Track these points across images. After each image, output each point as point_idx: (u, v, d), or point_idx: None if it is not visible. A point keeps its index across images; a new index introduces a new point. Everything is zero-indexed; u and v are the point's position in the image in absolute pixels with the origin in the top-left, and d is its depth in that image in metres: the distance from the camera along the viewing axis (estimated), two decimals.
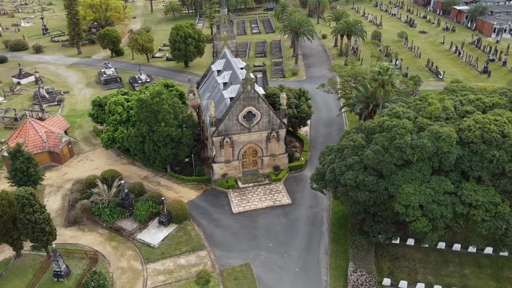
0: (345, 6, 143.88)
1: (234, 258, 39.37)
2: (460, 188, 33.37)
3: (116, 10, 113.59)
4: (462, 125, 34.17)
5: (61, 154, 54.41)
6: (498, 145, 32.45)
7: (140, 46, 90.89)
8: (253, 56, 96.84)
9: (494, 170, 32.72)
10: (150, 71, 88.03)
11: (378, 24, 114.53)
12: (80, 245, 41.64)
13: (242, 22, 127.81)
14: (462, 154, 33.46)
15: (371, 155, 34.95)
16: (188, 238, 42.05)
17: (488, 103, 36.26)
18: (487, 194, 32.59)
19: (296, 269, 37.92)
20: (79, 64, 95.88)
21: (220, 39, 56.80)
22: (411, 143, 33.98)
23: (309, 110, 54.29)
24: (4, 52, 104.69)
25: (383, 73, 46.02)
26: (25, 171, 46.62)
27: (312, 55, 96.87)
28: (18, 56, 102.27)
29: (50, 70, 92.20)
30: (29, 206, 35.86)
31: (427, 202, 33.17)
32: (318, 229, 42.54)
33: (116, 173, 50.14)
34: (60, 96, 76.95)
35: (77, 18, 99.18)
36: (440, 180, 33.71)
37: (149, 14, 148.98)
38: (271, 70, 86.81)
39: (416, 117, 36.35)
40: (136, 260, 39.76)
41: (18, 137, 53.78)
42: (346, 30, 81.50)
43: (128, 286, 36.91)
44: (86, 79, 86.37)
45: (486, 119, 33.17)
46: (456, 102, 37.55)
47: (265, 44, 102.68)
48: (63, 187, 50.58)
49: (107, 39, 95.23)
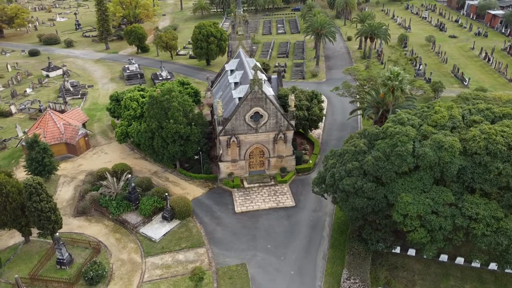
0: (375, 8, 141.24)
1: (231, 257, 39.62)
2: (461, 200, 32.28)
3: (145, 7, 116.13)
4: (467, 135, 33.00)
5: (77, 146, 56.30)
6: (503, 158, 31.15)
7: (164, 43, 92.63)
8: (276, 56, 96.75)
9: (498, 183, 31.39)
10: (173, 68, 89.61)
11: (407, 27, 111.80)
12: (85, 235, 43.00)
13: (269, 22, 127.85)
14: (465, 165, 32.32)
15: (371, 161, 34.32)
16: (189, 234, 42.64)
17: (498, 113, 34.83)
18: (489, 208, 31.37)
19: (291, 272, 37.73)
20: (105, 59, 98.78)
21: (235, 39, 57.11)
22: (413, 151, 33.18)
23: (321, 113, 53.77)
24: (37, 45, 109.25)
25: (393, 78, 44.94)
26: (40, 161, 48.57)
27: (335, 57, 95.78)
28: (50, 50, 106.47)
29: (78, 64, 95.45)
30: (36, 195, 37.40)
31: (426, 212, 32.28)
32: (319, 234, 42.15)
33: (127, 167, 51.45)
34: (84, 89, 79.55)
35: (106, 14, 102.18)
36: (440, 190, 32.72)
37: (178, 12, 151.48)
38: (292, 71, 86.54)
39: (421, 124, 35.38)
40: (136, 253, 40.68)
41: (37, 128, 56.07)
42: (369, 33, 79.99)
43: (126, 278, 37.83)
44: (111, 74, 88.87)
45: (493, 130, 31.90)
46: (465, 111, 36.26)
47: (289, 45, 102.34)
48: (77, 178, 52.32)
49: (133, 35, 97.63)
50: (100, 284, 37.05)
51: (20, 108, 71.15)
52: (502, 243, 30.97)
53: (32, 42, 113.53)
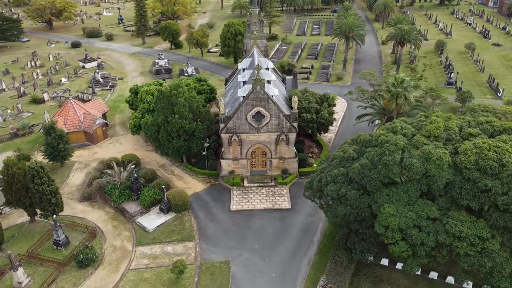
0: (418, 12, 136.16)
1: (217, 254, 40.04)
2: (446, 216, 30.69)
3: (183, 4, 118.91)
4: (460, 148, 31.28)
5: (94, 135, 58.97)
6: (494, 174, 29.27)
7: (195, 40, 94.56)
8: (305, 57, 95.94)
9: (486, 201, 29.53)
10: (201, 65, 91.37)
11: (448, 33, 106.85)
12: (86, 220, 45.04)
13: (305, 23, 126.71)
14: (454, 180, 30.68)
15: (356, 169, 33.44)
16: (181, 228, 43.53)
17: (498, 127, 32.70)
18: (474, 227, 29.60)
19: (273, 274, 37.55)
20: (140, 53, 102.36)
21: (249, 38, 57.32)
22: (401, 161, 31.97)
23: (330, 117, 52.79)
24: (81, 38, 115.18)
25: (397, 85, 43.24)
26: (56, 147, 51.38)
27: (365, 60, 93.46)
28: (91, 42, 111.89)
29: (113, 57, 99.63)
30: (38, 178, 39.74)
31: (407, 226, 31.02)
32: (309, 239, 41.57)
33: (135, 157, 53.26)
34: (114, 81, 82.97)
35: (144, 10, 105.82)
36: (425, 204, 31.31)
37: (219, 10, 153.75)
38: (318, 73, 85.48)
39: (414, 134, 33.99)
40: (129, 241, 42.11)
41: (59, 115, 59.34)
42: (399, 37, 77.32)
43: (114, 264, 39.28)
44: (142, 68, 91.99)
45: (486, 145, 30.04)
46: (464, 123, 34.35)
47: (320, 46, 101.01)
48: (90, 165, 54.81)
49: (167, 31, 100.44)
50: (89, 267, 38.75)
51: (52, 96, 75.47)
52: (485, 265, 29.16)
53: (76, 34, 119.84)
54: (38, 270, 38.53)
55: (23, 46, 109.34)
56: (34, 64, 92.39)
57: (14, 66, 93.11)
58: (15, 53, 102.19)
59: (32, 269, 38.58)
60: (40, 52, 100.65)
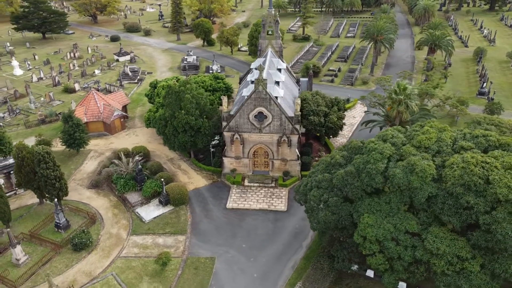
0: (464, 17, 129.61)
1: (205, 249, 40.58)
2: (426, 231, 29.32)
3: (220, 2, 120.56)
4: (447, 161, 29.75)
5: (111, 126, 61.43)
6: (478, 191, 27.60)
7: (225, 38, 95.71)
8: (333, 60, 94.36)
9: (468, 219, 27.89)
10: (229, 63, 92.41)
11: (491, 40, 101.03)
12: (89, 206, 47.12)
13: (342, 24, 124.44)
14: (437, 194, 29.23)
15: (340, 176, 32.73)
16: (176, 221, 44.47)
17: (493, 142, 30.71)
18: (454, 245, 28.08)
19: (254, 275, 37.53)
20: (173, 49, 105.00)
21: (264, 38, 57.30)
22: (385, 170, 30.93)
23: (338, 121, 51.71)
24: (120, 32, 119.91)
25: (399, 92, 41.56)
26: (72, 135, 54.08)
27: (397, 65, 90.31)
28: (130, 37, 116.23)
29: (147, 52, 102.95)
30: (44, 163, 42.06)
31: (385, 238, 29.98)
32: (298, 243, 41.10)
33: (145, 150, 54.97)
34: (143, 75, 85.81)
35: (180, 7, 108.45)
36: (405, 217, 30.10)
37: (258, 9, 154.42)
38: (344, 76, 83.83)
39: (404, 144, 32.71)
40: (125, 230, 43.61)
41: (81, 105, 62.37)
42: (429, 43, 74.17)
43: (106, 250, 40.88)
44: (172, 63, 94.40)
45: (473, 160, 28.37)
46: (460, 135, 32.59)
47: (351, 49, 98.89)
48: (104, 155, 57.19)
49: (200, 29, 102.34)
50: (83, 251, 40.58)
51: (83, 86, 79.30)
52: (462, 287, 27.57)
53: (117, 28, 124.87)
54: (37, 249, 40.86)
55: (67, 38, 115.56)
56: (73, 55, 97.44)
57: (56, 56, 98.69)
58: (58, 44, 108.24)
59: (32, 248, 40.97)
60: (81, 45, 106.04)
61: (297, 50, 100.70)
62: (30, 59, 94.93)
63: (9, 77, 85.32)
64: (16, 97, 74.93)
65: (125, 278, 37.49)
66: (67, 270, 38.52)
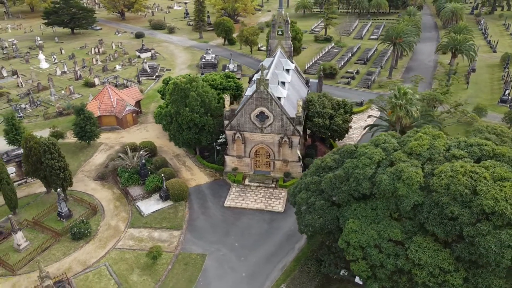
0: (497, 21, 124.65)
1: (197, 246, 40.98)
2: (410, 240, 28.52)
3: (244, 2, 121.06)
4: (436, 169, 28.82)
5: (123, 120, 62.93)
6: (464, 202, 26.60)
7: (245, 37, 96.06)
8: (353, 62, 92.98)
9: (452, 230, 26.91)
10: (247, 62, 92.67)
11: None
12: (93, 197, 48.47)
13: (366, 26, 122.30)
14: (423, 202, 28.37)
15: (328, 179, 32.33)
16: (173, 216, 45.09)
17: (487, 152, 29.48)
18: (436, 256, 27.19)
19: (243, 274, 37.59)
20: (194, 47, 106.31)
21: (274, 38, 57.15)
22: (373, 176, 30.32)
23: (344, 124, 50.93)
24: (145, 29, 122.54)
25: (399, 97, 40.43)
26: (83, 127, 55.78)
27: (418, 69, 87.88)
28: (154, 34, 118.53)
29: (169, 49, 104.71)
30: (49, 153, 43.63)
31: (368, 245, 29.37)
32: (291, 245, 40.83)
33: (152, 145, 56.00)
34: (162, 72, 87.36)
35: (203, 6, 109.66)
36: (389, 225, 29.37)
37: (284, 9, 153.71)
38: (361, 78, 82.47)
39: (396, 149, 31.92)
40: (124, 222, 44.61)
41: (96, 99, 64.21)
42: (450, 47, 71.83)
43: (103, 241, 41.96)
44: (191, 61, 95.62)
45: (462, 169, 27.36)
46: (454, 143, 31.47)
47: (373, 52, 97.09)
48: (113, 148, 58.64)
49: (221, 28, 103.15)
50: (82, 240, 41.81)
51: (103, 81, 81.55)
52: None
53: (143, 26, 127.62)
54: (38, 236, 42.43)
55: (95, 33, 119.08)
56: (98, 51, 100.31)
57: (81, 51, 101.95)
58: (85, 39, 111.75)
59: (34, 235, 42.58)
60: (106, 40, 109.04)
61: (317, 51, 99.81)
62: (57, 53, 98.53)
63: (36, 70, 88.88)
64: (39, 90, 77.93)
65: (117, 269, 38.37)
66: (64, 258, 39.81)
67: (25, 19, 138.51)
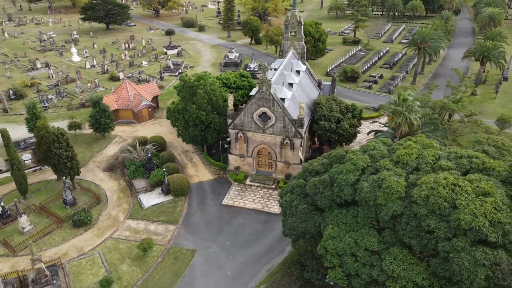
0: None
1: (189, 241, 41.55)
2: (387, 251, 27.63)
3: (274, 2, 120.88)
4: (419, 180, 27.74)
5: (139, 114, 64.69)
6: (442, 216, 25.48)
7: (270, 37, 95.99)
8: (378, 66, 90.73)
9: (428, 243, 25.81)
10: (270, 62, 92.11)
11: None
12: (100, 187, 50.21)
13: (399, 29, 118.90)
14: (402, 213, 27.41)
15: (312, 183, 31.89)
16: (172, 211, 45.94)
17: (477, 165, 28.01)
18: (411, 269, 26.20)
19: (228, 272, 37.75)
20: (221, 45, 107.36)
21: (287, 39, 56.80)
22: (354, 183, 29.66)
23: (350, 129, 49.86)
24: (177, 26, 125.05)
25: (399, 103, 38.97)
26: (98, 119, 57.85)
27: (446, 75, 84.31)
28: (184, 32, 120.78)
29: (196, 47, 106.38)
30: (57, 143, 45.63)
31: (344, 252, 28.75)
32: (282, 247, 40.55)
33: (162, 140, 57.26)
34: (185, 69, 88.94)
35: (232, 5, 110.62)
36: (367, 234, 28.59)
37: (317, 10, 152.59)
38: (384, 83, 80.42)
39: (383, 156, 31.01)
40: (124, 213, 45.93)
41: (115, 93, 66.37)
42: (477, 54, 68.59)
43: (102, 230, 43.39)
44: (216, 59, 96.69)
45: (444, 181, 26.20)
46: (444, 154, 30.13)
47: (400, 56, 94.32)
48: (127, 141, 60.39)
49: (248, 27, 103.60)
50: (81, 228, 43.45)
51: (127, 75, 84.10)
52: None
53: (175, 23, 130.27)
54: (43, 221, 44.50)
55: (128, 29, 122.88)
56: (128, 46, 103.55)
57: (112, 46, 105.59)
58: (118, 35, 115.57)
59: (39, 219, 44.71)
60: (137, 36, 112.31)
61: (343, 53, 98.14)
62: (89, 48, 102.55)
63: (67, 63, 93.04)
64: (67, 81, 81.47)
65: (110, 258, 39.59)
66: (62, 243, 41.56)
67: (66, 14, 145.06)
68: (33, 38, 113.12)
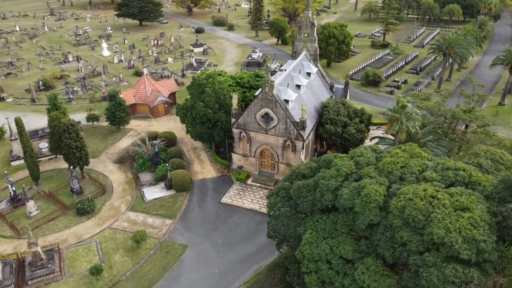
0: None
1: (183, 236, 42.20)
2: (361, 261, 26.96)
3: (305, 2, 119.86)
4: (399, 190, 26.87)
5: (155, 110, 66.25)
6: (416, 228, 24.58)
7: (294, 38, 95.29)
8: (405, 71, 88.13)
9: (401, 256, 24.95)
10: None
11: None
12: (107, 178, 51.91)
13: (433, 34, 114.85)
14: (378, 223, 26.66)
15: (297, 187, 31.61)
16: (171, 205, 46.80)
17: (462, 178, 26.76)
18: (382, 281, 25.45)
19: (216, 270, 38.05)
20: (248, 45, 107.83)
21: (300, 41, 56.30)
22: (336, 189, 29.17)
23: (357, 134, 48.84)
24: (207, 25, 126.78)
25: (397, 110, 37.59)
26: (113, 113, 59.79)
27: None
28: (213, 30, 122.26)
29: (223, 45, 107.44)
30: (68, 133, 47.57)
31: (320, 259, 28.33)
32: (272, 249, 39.58)
33: (172, 135, 58.39)
34: (208, 67, 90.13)
35: (261, 4, 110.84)
36: (344, 241, 28.00)
37: (351, 11, 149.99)
38: (407, 89, 77.99)
39: (369, 164, 30.26)
40: (126, 205, 47.26)
41: (134, 87, 68.31)
42: (506, 62, 65.20)
43: (103, 219, 44.88)
44: (240, 58, 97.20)
45: (423, 192, 25.26)
46: (432, 165, 28.97)
47: (428, 61, 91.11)
48: (140, 135, 61.92)
49: (275, 27, 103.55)
50: (84, 217, 45.12)
51: (151, 71, 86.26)
52: None
53: (206, 22, 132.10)
54: (50, 207, 46.58)
55: (160, 26, 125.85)
56: (156, 43, 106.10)
57: (142, 42, 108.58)
58: (149, 31, 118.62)
59: (46, 205, 46.84)
60: (168, 33, 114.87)
61: (369, 56, 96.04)
62: (120, 43, 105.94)
63: (97, 57, 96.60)
64: (94, 75, 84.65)
65: (105, 247, 40.91)
66: (64, 229, 43.35)
67: (104, 10, 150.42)
68: (70, 32, 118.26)
